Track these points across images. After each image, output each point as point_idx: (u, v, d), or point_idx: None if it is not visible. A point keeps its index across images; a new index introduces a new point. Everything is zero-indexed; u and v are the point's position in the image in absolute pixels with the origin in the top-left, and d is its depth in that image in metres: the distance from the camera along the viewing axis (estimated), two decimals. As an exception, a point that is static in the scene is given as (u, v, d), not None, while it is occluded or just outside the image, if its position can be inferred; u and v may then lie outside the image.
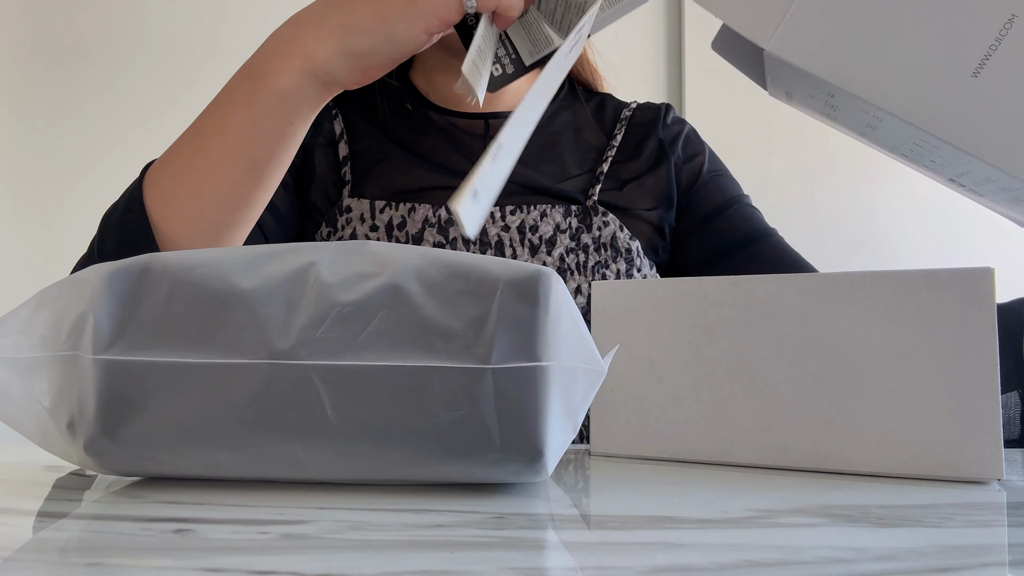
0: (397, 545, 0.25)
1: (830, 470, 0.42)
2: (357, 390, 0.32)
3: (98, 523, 0.29)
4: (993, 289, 0.40)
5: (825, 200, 1.67)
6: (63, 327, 0.33)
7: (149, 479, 0.37)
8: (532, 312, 0.32)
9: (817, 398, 0.42)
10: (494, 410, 0.32)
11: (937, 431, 0.40)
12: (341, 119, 0.78)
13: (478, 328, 0.32)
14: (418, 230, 0.71)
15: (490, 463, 0.33)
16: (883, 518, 0.30)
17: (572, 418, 0.34)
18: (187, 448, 0.33)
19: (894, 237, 1.68)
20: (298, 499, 0.32)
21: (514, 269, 0.33)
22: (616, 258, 0.74)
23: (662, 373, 0.46)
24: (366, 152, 0.76)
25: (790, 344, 0.43)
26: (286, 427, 0.32)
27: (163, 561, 0.23)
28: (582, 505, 0.33)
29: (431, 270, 0.33)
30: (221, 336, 0.32)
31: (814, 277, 0.43)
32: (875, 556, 0.25)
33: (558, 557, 0.24)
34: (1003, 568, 0.24)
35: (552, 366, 0.32)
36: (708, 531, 0.28)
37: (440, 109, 0.79)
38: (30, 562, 0.23)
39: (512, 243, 0.72)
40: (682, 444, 0.45)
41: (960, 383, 0.40)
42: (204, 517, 0.29)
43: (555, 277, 0.34)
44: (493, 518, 0.29)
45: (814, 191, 1.66)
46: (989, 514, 0.32)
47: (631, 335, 0.47)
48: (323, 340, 0.32)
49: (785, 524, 0.29)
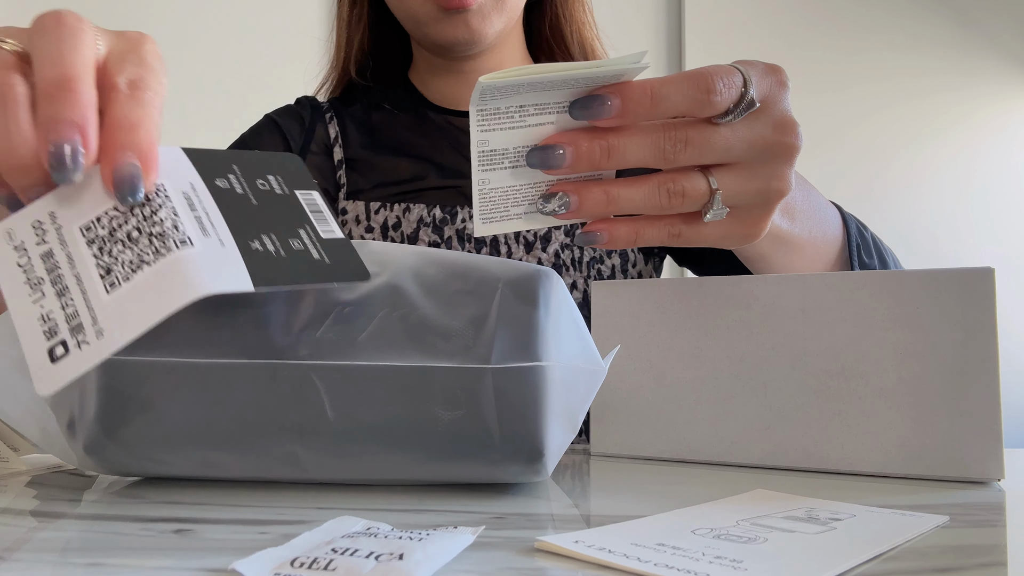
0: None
1: (830, 470, 0.42)
2: (357, 390, 0.32)
3: (98, 523, 0.29)
4: (993, 289, 0.40)
5: (826, 192, 1.66)
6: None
7: (149, 479, 0.37)
8: (532, 312, 0.32)
9: (817, 398, 0.42)
10: (494, 410, 0.32)
11: (937, 431, 0.40)
12: (336, 123, 0.78)
13: (478, 328, 0.32)
14: (413, 230, 0.71)
15: (490, 463, 0.33)
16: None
17: (572, 418, 0.34)
18: (187, 448, 0.33)
19: (895, 236, 1.68)
20: (298, 499, 0.32)
21: (514, 269, 0.33)
22: (611, 253, 0.74)
23: (662, 373, 0.46)
24: (361, 155, 0.76)
25: (790, 344, 0.43)
26: (286, 427, 0.32)
27: (163, 561, 0.23)
28: (582, 505, 0.33)
29: (431, 270, 0.33)
30: (221, 336, 0.32)
31: (814, 277, 0.43)
32: (876, 556, 0.25)
33: (558, 557, 0.24)
34: (1003, 568, 0.24)
35: (552, 366, 0.32)
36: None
37: (438, 108, 0.79)
38: (30, 562, 0.23)
39: (507, 240, 0.72)
40: (682, 444, 0.45)
41: (960, 383, 0.40)
42: (204, 517, 0.29)
43: (555, 277, 0.34)
44: (493, 518, 0.29)
45: (815, 183, 1.66)
46: (989, 514, 0.32)
47: (631, 335, 0.47)
48: (323, 340, 0.32)
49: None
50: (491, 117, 0.35)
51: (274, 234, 0.31)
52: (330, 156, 0.77)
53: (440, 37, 0.70)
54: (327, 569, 0.20)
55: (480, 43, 0.70)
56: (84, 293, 0.28)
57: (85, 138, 0.28)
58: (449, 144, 0.77)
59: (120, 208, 0.29)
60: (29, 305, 0.29)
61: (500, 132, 0.36)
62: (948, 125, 1.79)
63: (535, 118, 0.36)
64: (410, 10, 0.70)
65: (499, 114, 0.35)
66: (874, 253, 0.58)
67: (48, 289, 0.29)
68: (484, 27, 0.69)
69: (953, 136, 1.79)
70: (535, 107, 0.36)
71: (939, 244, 1.73)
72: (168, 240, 0.28)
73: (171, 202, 0.30)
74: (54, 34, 0.29)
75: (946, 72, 1.79)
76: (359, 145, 0.77)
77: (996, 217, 1.77)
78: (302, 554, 0.22)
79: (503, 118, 0.36)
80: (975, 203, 1.77)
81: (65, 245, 0.29)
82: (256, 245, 0.30)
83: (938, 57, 1.79)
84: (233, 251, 0.29)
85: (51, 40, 0.29)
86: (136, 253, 0.28)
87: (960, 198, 1.76)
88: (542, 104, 0.36)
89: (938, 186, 1.77)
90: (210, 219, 0.30)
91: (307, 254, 0.31)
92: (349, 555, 0.21)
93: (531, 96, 0.35)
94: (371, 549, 0.22)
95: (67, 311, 0.28)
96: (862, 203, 1.69)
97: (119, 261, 0.28)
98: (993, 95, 1.80)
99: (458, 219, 0.71)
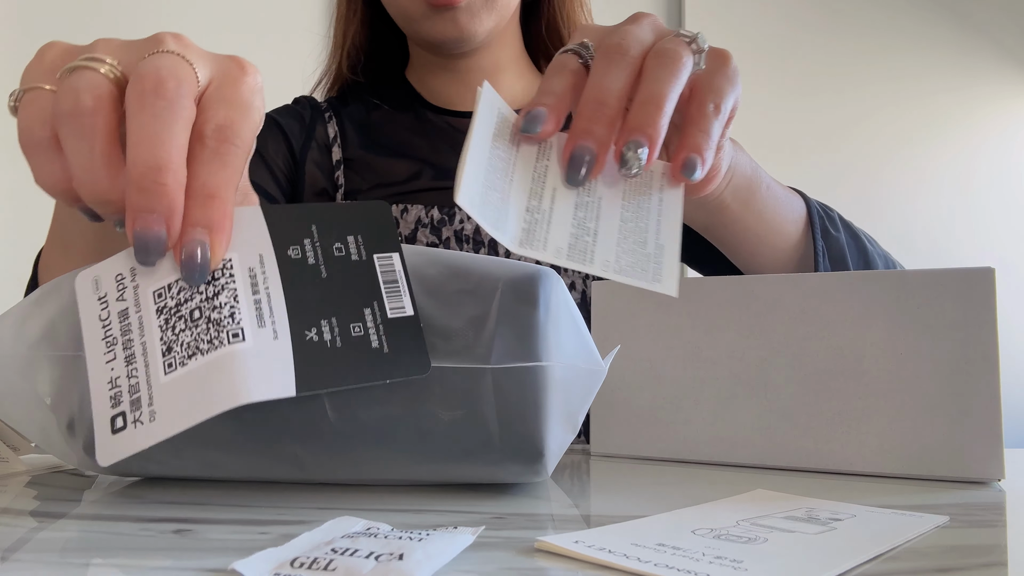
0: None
1: (830, 470, 0.42)
2: (357, 390, 0.32)
3: (98, 523, 0.29)
4: (993, 289, 0.40)
5: (826, 193, 1.66)
6: (63, 326, 0.33)
7: (149, 479, 0.37)
8: (532, 312, 0.32)
9: (817, 398, 0.42)
10: (494, 410, 0.32)
11: (937, 431, 0.40)
12: (335, 122, 0.78)
13: (478, 328, 0.32)
14: (411, 231, 0.71)
15: (490, 463, 0.33)
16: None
17: (572, 418, 0.34)
18: (187, 448, 0.33)
19: (894, 237, 1.68)
20: (298, 499, 0.32)
21: (514, 269, 0.33)
22: None
23: (662, 373, 0.46)
24: (359, 155, 0.76)
25: (790, 344, 0.43)
26: (286, 427, 0.32)
27: (163, 561, 0.23)
28: (582, 505, 0.33)
29: (431, 270, 0.33)
30: (221, 336, 0.32)
31: (814, 277, 0.43)
32: (876, 556, 0.25)
33: (558, 557, 0.24)
34: (1003, 568, 0.24)
35: (552, 366, 0.32)
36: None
37: (437, 108, 0.79)
38: (30, 562, 0.23)
39: None
40: (682, 444, 0.45)
41: (960, 383, 0.40)
42: (204, 517, 0.29)
43: (555, 277, 0.34)
44: (493, 518, 0.29)
45: (814, 184, 1.66)
46: (989, 514, 0.32)
47: (631, 335, 0.47)
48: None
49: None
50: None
51: (335, 317, 0.30)
52: (329, 154, 0.77)
53: (429, 34, 0.70)
54: (327, 569, 0.20)
55: (470, 41, 0.71)
56: (147, 367, 0.28)
57: (170, 229, 0.29)
58: (447, 145, 0.77)
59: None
60: (102, 365, 0.29)
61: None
62: (948, 125, 1.79)
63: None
64: (400, 6, 0.70)
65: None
66: (841, 228, 0.59)
67: (119, 352, 0.29)
68: (473, 25, 0.69)
69: (953, 136, 1.79)
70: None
71: (938, 244, 1.73)
72: (223, 331, 0.28)
73: (234, 283, 0.29)
74: (151, 107, 0.29)
75: (946, 73, 1.79)
76: (357, 145, 0.77)
77: (996, 217, 1.77)
78: (302, 554, 0.22)
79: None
80: (975, 203, 1.77)
81: (139, 308, 0.29)
82: (311, 335, 0.29)
83: (938, 57, 1.79)
84: (285, 346, 0.29)
85: (148, 115, 0.29)
86: (194, 336, 0.28)
87: (960, 198, 1.76)
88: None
89: (937, 186, 1.77)
90: (270, 302, 0.30)
91: (366, 342, 0.30)
92: (349, 555, 0.21)
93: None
94: (371, 549, 0.22)
95: (131, 381, 0.28)
96: (862, 203, 1.69)
97: (179, 341, 0.28)
98: (993, 95, 1.80)
99: (456, 220, 0.71)
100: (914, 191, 1.74)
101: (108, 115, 0.30)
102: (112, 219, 0.30)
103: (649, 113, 0.35)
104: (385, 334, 0.30)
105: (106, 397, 0.28)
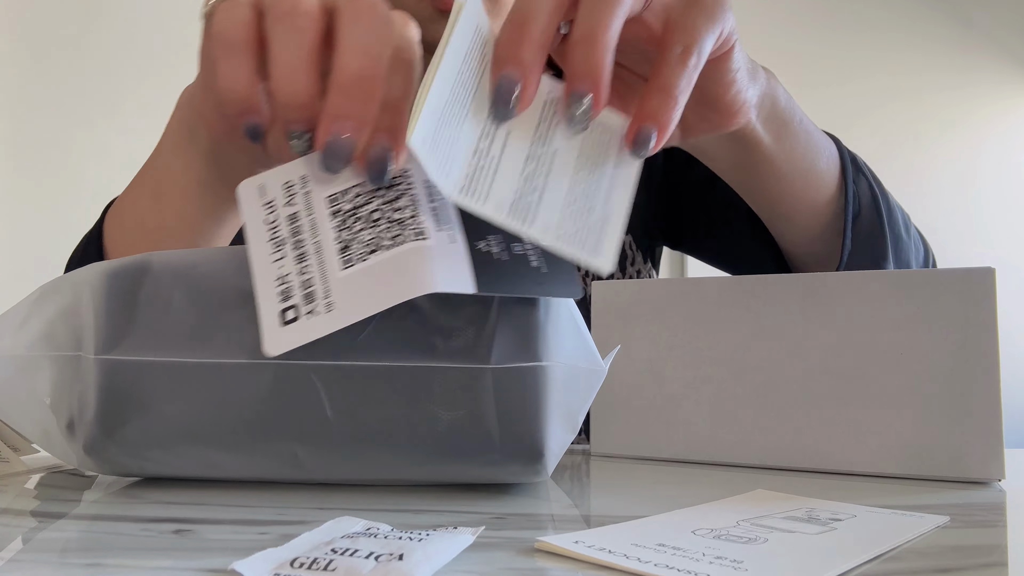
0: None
1: (830, 470, 0.42)
2: (357, 390, 0.32)
3: (98, 523, 0.29)
4: (993, 289, 0.40)
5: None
6: (63, 326, 0.33)
7: (149, 479, 0.37)
8: (532, 312, 0.32)
9: (817, 398, 0.42)
10: (494, 410, 0.32)
11: (937, 431, 0.40)
12: None
13: (478, 328, 0.32)
14: None
15: (490, 463, 0.33)
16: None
17: (572, 418, 0.34)
18: (187, 448, 0.33)
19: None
20: (298, 499, 0.32)
21: (514, 269, 0.33)
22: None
23: (662, 373, 0.46)
24: None
25: (790, 344, 0.43)
26: (286, 427, 0.32)
27: (163, 561, 0.23)
28: (582, 505, 0.33)
29: (431, 270, 0.33)
30: (221, 336, 0.32)
31: (814, 277, 0.43)
32: (876, 556, 0.25)
33: (558, 557, 0.24)
34: (1003, 568, 0.24)
35: (552, 366, 0.32)
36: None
37: None
38: (30, 562, 0.23)
39: None
40: (682, 444, 0.45)
41: (960, 383, 0.40)
42: (204, 517, 0.29)
43: (555, 277, 0.34)
44: (493, 518, 0.29)
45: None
46: (989, 514, 0.32)
47: (631, 335, 0.47)
48: (323, 340, 0.32)
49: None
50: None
51: (501, 233, 0.31)
52: None
53: (435, 37, 0.70)
54: (327, 569, 0.20)
55: None
56: (322, 263, 0.29)
57: (361, 136, 0.30)
58: None
59: (367, 186, 0.30)
60: (269, 264, 0.30)
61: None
62: (948, 125, 1.79)
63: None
64: (407, 9, 0.70)
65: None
66: (867, 174, 0.57)
67: (289, 251, 0.30)
68: None
69: (953, 136, 1.79)
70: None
71: (938, 244, 1.72)
72: (406, 229, 0.29)
73: (413, 189, 0.31)
74: (368, 20, 0.31)
75: (946, 72, 1.79)
76: None
77: (996, 217, 1.77)
78: (302, 554, 0.22)
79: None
80: (975, 203, 1.77)
81: (311, 211, 0.30)
82: (482, 245, 0.31)
83: (938, 57, 1.79)
84: (462, 249, 0.30)
85: (364, 27, 0.31)
86: (375, 234, 0.29)
87: (960, 198, 1.76)
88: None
89: (938, 186, 1.77)
90: (447, 211, 0.31)
91: (526, 261, 0.32)
92: (349, 555, 0.21)
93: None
94: (371, 549, 0.22)
95: (303, 277, 0.29)
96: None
97: (358, 239, 0.29)
98: (993, 95, 1.80)
99: None
100: (914, 190, 1.74)
101: (320, 22, 0.31)
102: (290, 128, 0.31)
103: (585, 54, 0.30)
104: (544, 257, 0.32)
105: (274, 293, 0.29)
